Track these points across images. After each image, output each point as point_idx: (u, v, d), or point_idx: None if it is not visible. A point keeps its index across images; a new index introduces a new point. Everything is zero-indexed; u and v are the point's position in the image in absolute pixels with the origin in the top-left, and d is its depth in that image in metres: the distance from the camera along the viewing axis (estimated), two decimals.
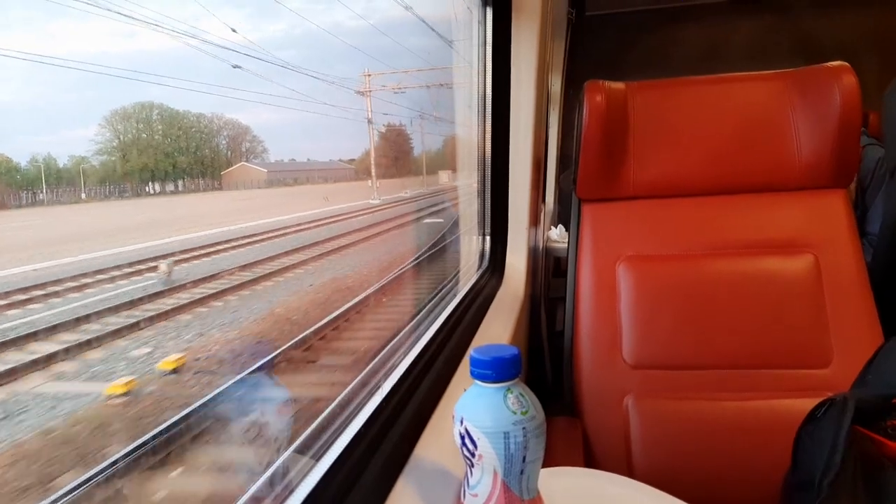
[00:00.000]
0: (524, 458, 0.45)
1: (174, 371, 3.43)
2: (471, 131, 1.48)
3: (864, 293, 1.08)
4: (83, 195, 9.88)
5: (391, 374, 0.76)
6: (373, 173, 16.43)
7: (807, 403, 0.76)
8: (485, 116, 1.43)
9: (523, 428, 0.44)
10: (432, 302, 1.20)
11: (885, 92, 1.34)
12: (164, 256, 5.96)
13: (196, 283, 5.35)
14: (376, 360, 1.03)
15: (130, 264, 5.74)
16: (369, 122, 14.28)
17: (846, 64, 1.11)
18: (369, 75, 14.06)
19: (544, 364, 1.59)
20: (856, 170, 1.15)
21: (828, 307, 1.07)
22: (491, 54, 1.37)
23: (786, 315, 1.08)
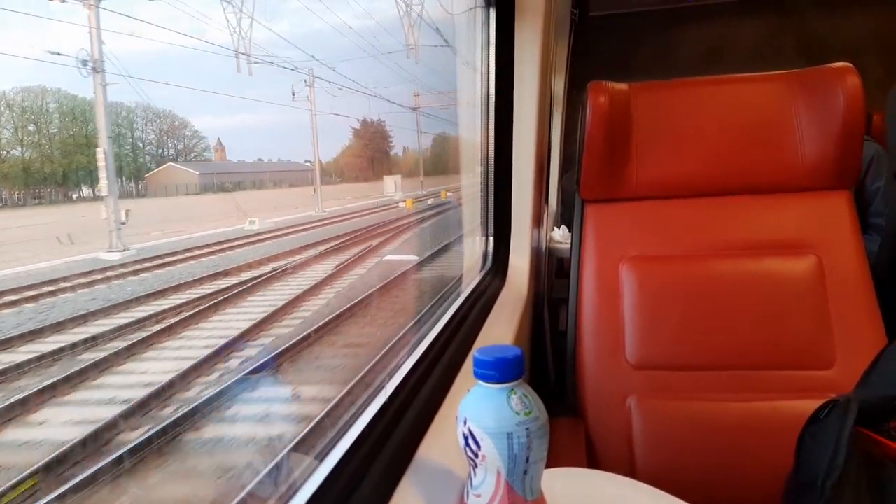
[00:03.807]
0: (527, 459, 0.45)
1: None
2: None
3: (868, 294, 1.08)
4: None
5: (394, 374, 0.76)
6: (102, 182, 7.46)
7: (810, 405, 0.76)
8: (488, 117, 1.43)
9: (526, 428, 0.44)
10: None
11: (890, 93, 1.33)
12: None
13: None
14: None
15: None
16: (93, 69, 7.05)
17: (850, 65, 1.11)
18: None
19: (547, 365, 1.59)
20: (858, 171, 1.15)
21: (831, 308, 1.06)
22: (494, 55, 1.37)
23: (789, 316, 1.07)
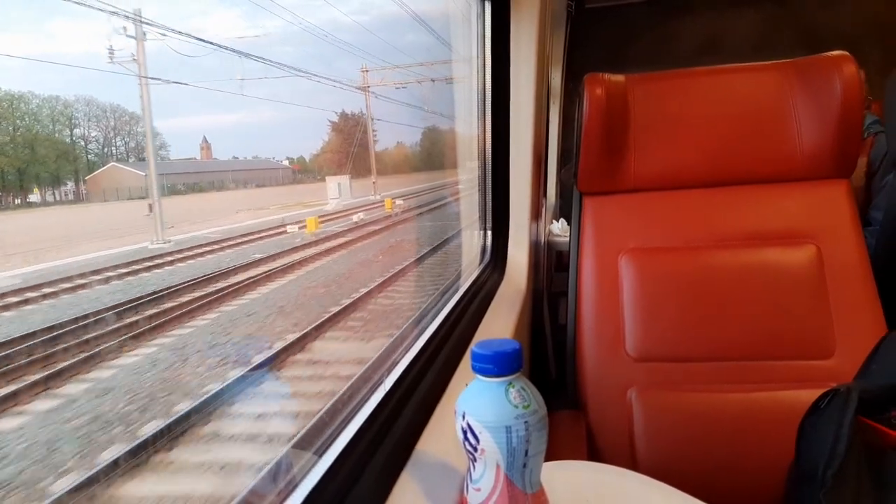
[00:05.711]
0: (526, 452, 0.45)
1: None
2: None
3: (867, 283, 1.08)
4: None
5: (393, 369, 0.76)
6: None
7: (810, 394, 0.76)
8: (485, 111, 1.43)
9: (525, 422, 0.44)
10: None
11: (887, 82, 1.33)
12: None
13: None
14: None
15: None
16: None
17: (847, 53, 1.10)
18: None
19: (548, 358, 1.59)
20: (856, 160, 1.15)
21: (830, 298, 1.06)
22: (490, 48, 1.37)
23: (788, 306, 1.07)
